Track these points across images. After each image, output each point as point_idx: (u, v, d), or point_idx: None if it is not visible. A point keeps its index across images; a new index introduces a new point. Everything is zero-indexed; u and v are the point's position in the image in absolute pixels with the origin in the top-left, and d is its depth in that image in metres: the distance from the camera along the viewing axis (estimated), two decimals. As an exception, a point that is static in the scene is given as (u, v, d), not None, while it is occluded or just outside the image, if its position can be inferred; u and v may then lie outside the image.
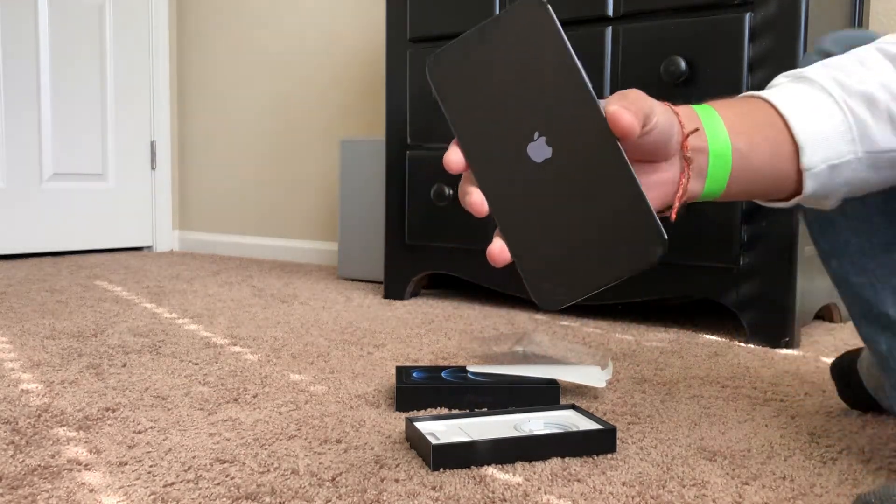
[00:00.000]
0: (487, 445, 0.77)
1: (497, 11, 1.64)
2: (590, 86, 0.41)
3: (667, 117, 0.48)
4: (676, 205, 0.51)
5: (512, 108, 0.41)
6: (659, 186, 0.50)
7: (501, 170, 0.42)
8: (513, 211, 0.42)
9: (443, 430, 0.81)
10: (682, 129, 0.50)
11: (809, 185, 0.55)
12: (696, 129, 0.51)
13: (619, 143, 0.40)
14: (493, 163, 0.42)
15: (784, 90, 0.56)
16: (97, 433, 0.84)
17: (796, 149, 0.54)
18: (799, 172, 0.55)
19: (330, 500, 0.68)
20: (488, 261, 0.43)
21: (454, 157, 0.45)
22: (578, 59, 0.41)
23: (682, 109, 0.52)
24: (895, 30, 1.66)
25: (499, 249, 0.44)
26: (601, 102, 0.42)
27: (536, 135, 0.41)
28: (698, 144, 0.51)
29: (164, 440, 0.82)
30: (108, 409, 0.93)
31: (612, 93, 1.53)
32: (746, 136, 0.53)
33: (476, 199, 0.44)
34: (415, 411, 0.95)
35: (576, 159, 0.40)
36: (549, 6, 0.41)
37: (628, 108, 0.43)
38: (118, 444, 0.81)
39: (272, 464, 0.76)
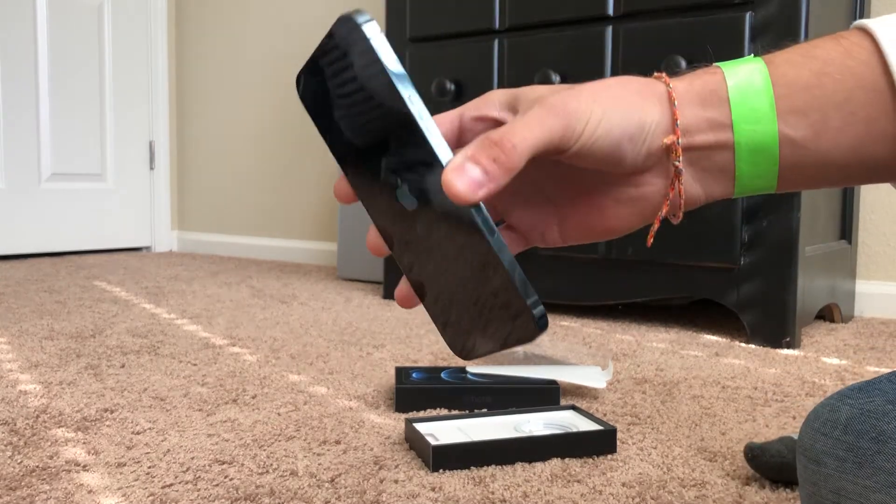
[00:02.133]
0: (487, 446, 0.76)
1: (497, 11, 1.64)
2: (425, 129, 0.32)
3: (623, 120, 0.34)
4: (655, 227, 0.38)
5: (370, 146, 0.35)
6: (635, 203, 0.37)
7: (384, 212, 0.35)
8: (405, 256, 0.36)
9: (442, 430, 0.81)
10: (674, 128, 0.35)
11: None
12: (689, 138, 0.35)
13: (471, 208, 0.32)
14: (376, 202, 0.36)
15: None
16: (95, 434, 0.84)
17: None
18: None
19: (329, 501, 0.67)
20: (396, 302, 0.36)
21: (341, 189, 0.37)
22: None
23: (695, 83, 0.35)
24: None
25: (404, 294, 0.36)
26: (454, 153, 0.32)
27: (399, 180, 0.34)
28: (711, 139, 0.35)
29: (162, 441, 0.82)
30: (106, 410, 0.92)
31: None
32: (814, 115, 0.34)
33: (372, 239, 0.36)
34: (414, 412, 0.94)
35: (437, 214, 0.33)
36: (367, 24, 0.32)
37: (477, 161, 0.31)
38: (116, 444, 0.81)
39: (271, 465, 0.76)
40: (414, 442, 0.80)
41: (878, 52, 0.33)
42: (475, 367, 1.03)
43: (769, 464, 0.71)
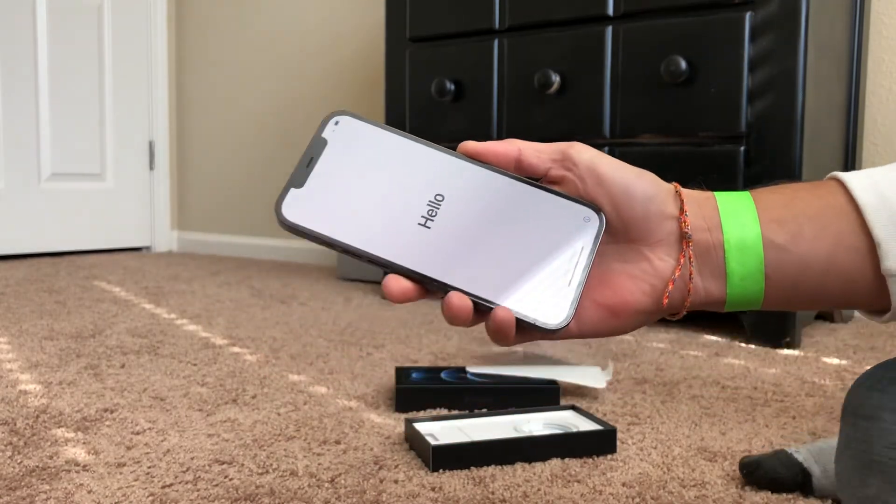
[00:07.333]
0: (487, 446, 0.76)
1: (496, 11, 1.64)
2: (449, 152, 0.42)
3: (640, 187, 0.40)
4: (662, 307, 0.41)
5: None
6: (648, 278, 0.41)
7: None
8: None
9: (442, 430, 0.81)
10: (680, 201, 0.41)
11: None
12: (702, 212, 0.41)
13: None
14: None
15: (874, 170, 0.41)
16: (95, 434, 0.84)
17: (873, 245, 0.39)
18: (880, 278, 0.39)
19: (329, 502, 0.67)
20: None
21: (397, 283, 0.40)
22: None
23: (692, 192, 0.42)
24: (895, 29, 1.66)
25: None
26: None
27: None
28: (707, 238, 0.40)
29: (162, 441, 0.82)
30: (106, 410, 0.92)
31: (611, 93, 1.54)
32: (791, 225, 0.40)
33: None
34: (414, 412, 0.94)
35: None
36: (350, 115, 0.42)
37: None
38: (116, 445, 0.81)
39: (271, 465, 0.76)
40: (414, 442, 0.80)
41: (842, 185, 0.40)
42: (475, 367, 1.03)
43: (764, 479, 0.71)
